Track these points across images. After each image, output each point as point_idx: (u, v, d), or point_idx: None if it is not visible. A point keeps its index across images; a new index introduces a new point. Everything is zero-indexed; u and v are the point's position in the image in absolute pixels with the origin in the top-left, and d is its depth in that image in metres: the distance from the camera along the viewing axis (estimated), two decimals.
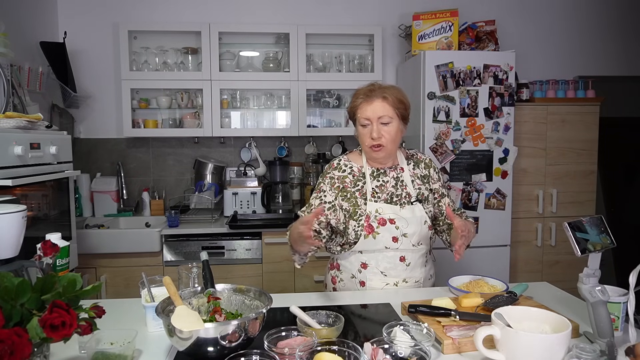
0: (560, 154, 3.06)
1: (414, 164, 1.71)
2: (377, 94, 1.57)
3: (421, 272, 1.65)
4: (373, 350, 1.00)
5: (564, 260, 3.09)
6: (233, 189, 3.08)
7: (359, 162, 1.68)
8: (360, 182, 1.64)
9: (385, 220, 1.57)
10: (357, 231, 1.59)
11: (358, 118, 1.61)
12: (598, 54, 3.57)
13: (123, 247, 2.66)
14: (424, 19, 2.94)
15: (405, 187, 1.64)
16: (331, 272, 1.73)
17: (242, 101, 3.21)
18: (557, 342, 0.96)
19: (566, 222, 1.13)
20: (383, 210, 1.58)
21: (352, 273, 1.64)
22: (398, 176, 1.66)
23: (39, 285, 0.90)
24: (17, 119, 1.87)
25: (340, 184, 1.64)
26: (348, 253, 1.64)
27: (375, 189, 1.63)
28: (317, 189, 1.68)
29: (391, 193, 1.63)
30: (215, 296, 1.19)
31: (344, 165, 1.68)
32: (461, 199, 2.84)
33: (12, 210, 1.14)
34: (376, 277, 1.61)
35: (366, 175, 1.64)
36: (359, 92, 1.62)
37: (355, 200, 1.61)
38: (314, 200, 1.65)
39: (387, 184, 1.64)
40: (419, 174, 1.69)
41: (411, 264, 1.62)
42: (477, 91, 2.80)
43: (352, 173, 1.66)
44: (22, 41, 2.64)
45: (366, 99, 1.58)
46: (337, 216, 1.63)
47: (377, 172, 1.66)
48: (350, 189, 1.63)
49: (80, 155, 3.11)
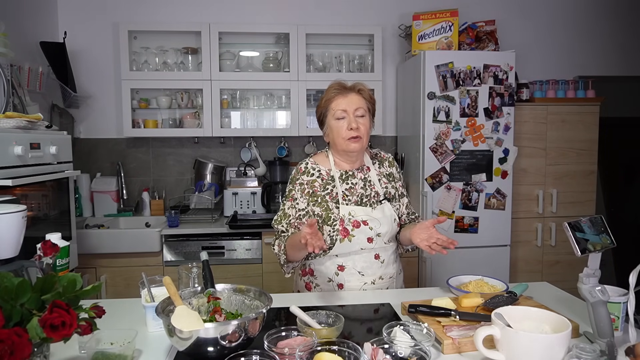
0: (560, 154, 3.06)
1: (379, 162, 1.73)
2: (352, 88, 1.62)
3: (393, 267, 1.68)
4: (373, 350, 1.00)
5: (564, 260, 3.09)
6: (233, 189, 3.09)
7: (327, 165, 1.67)
8: (329, 186, 1.63)
9: (359, 222, 1.58)
10: (332, 236, 1.57)
11: (332, 111, 1.60)
12: (598, 54, 3.58)
13: (123, 247, 2.66)
14: (424, 19, 2.94)
15: (373, 187, 1.65)
16: (304, 278, 1.71)
17: (242, 101, 3.21)
18: (557, 342, 0.96)
19: (566, 222, 1.13)
20: (355, 213, 1.59)
21: (328, 277, 1.63)
22: (365, 176, 1.66)
23: (39, 285, 0.90)
24: (17, 119, 1.87)
25: (310, 189, 1.63)
26: (324, 258, 1.62)
27: (345, 192, 1.62)
28: (289, 197, 1.65)
29: (361, 194, 1.63)
30: (215, 296, 1.19)
31: (312, 169, 1.66)
32: (461, 199, 2.84)
33: (12, 210, 1.14)
34: (354, 277, 1.61)
35: (335, 179, 1.63)
36: (332, 87, 1.64)
37: (326, 204, 1.60)
38: (289, 210, 1.63)
39: (356, 185, 1.64)
40: (385, 173, 1.71)
41: (385, 260, 1.64)
42: (477, 91, 2.80)
43: (321, 176, 1.64)
44: (22, 41, 2.64)
45: (342, 92, 1.61)
46: None
47: (346, 175, 1.65)
48: (320, 193, 1.62)
49: (80, 155, 3.11)
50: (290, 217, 1.63)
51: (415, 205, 2.98)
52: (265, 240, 2.78)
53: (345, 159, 1.65)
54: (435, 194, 2.82)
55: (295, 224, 1.63)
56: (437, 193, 2.82)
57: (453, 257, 2.83)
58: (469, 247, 2.86)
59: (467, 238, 2.85)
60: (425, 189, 2.81)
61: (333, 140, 1.63)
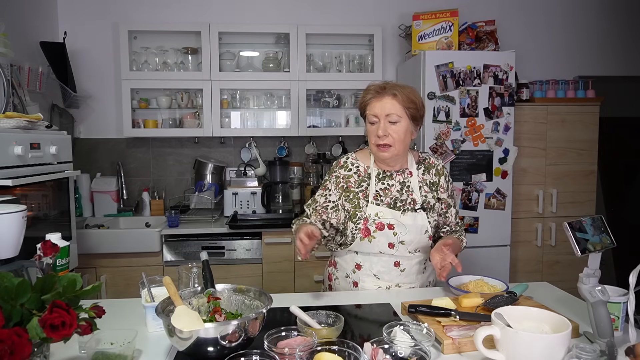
0: (560, 154, 3.06)
1: (424, 169, 1.66)
2: (388, 91, 1.53)
3: (417, 278, 1.63)
4: (373, 350, 1.00)
5: (564, 260, 3.09)
6: (233, 189, 3.08)
7: (367, 162, 1.65)
8: (364, 183, 1.62)
9: (383, 225, 1.55)
10: (354, 233, 1.58)
11: (367, 115, 1.58)
12: (598, 54, 3.57)
13: (123, 247, 2.66)
14: (424, 19, 2.94)
15: (411, 193, 1.60)
16: (329, 269, 1.74)
17: (242, 101, 3.21)
18: (557, 342, 0.96)
19: (566, 222, 1.13)
20: (383, 215, 1.56)
21: (346, 272, 1.64)
22: (405, 180, 1.62)
23: (39, 285, 0.90)
24: (17, 119, 1.87)
25: (344, 184, 1.63)
26: (344, 251, 1.64)
27: (379, 192, 1.59)
28: (323, 186, 1.67)
29: (395, 197, 1.59)
30: (215, 296, 1.19)
31: (351, 164, 1.66)
32: (461, 199, 2.84)
33: (12, 210, 1.14)
34: (369, 279, 1.60)
35: (371, 177, 1.61)
36: (369, 88, 1.58)
37: (357, 201, 1.59)
38: (319, 198, 1.65)
39: (392, 187, 1.60)
40: (428, 181, 1.64)
41: (406, 270, 1.60)
42: (477, 91, 2.80)
43: (358, 173, 1.63)
44: (22, 41, 2.64)
45: (376, 96, 1.54)
46: (338, 216, 1.63)
47: (384, 175, 1.62)
48: (353, 189, 1.61)
49: (80, 155, 3.11)
50: (318, 205, 1.64)
51: None
52: (265, 240, 2.78)
53: (380, 162, 1.62)
54: None
55: (320, 212, 1.63)
56: None
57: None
58: (469, 247, 2.85)
59: (467, 238, 2.82)
60: None
61: (369, 142, 1.61)
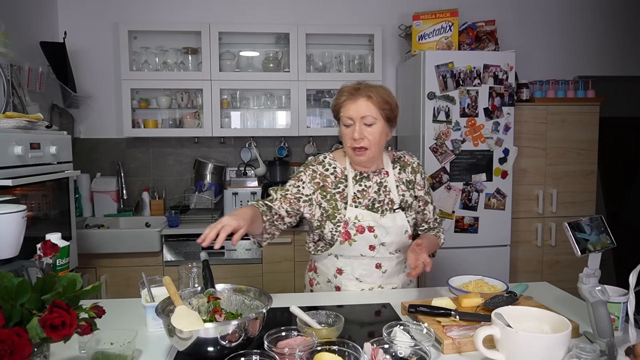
0: (560, 154, 3.06)
1: (400, 167, 1.63)
2: (362, 92, 1.50)
3: (399, 278, 1.62)
4: (373, 350, 1.00)
5: (564, 260, 3.09)
6: (233, 189, 3.08)
7: (343, 163, 1.62)
8: (341, 185, 1.59)
9: (364, 227, 1.53)
10: (334, 234, 1.55)
11: (341, 117, 1.53)
12: (598, 54, 3.57)
13: (123, 247, 2.66)
14: (424, 19, 2.94)
15: (388, 193, 1.58)
16: (309, 274, 1.71)
17: (242, 101, 3.21)
18: (557, 342, 0.96)
19: (566, 222, 1.13)
20: (363, 217, 1.53)
21: (328, 277, 1.62)
22: (382, 181, 1.59)
23: (39, 285, 0.90)
24: (17, 119, 1.87)
25: (320, 181, 1.59)
26: (324, 256, 1.61)
27: (357, 194, 1.57)
28: (296, 177, 1.61)
29: (373, 199, 1.57)
30: (215, 296, 1.19)
31: (328, 164, 1.62)
32: (461, 199, 2.84)
33: (12, 210, 1.14)
34: (351, 282, 1.58)
35: (348, 179, 1.59)
36: (343, 90, 1.54)
37: (335, 203, 1.56)
38: (291, 187, 1.59)
39: (369, 189, 1.58)
40: (405, 179, 1.62)
41: (388, 271, 1.59)
42: (477, 91, 2.80)
43: (335, 174, 1.60)
44: (22, 41, 2.64)
45: (350, 97, 1.51)
46: (312, 211, 1.59)
47: (360, 176, 1.59)
48: (330, 190, 1.58)
49: (80, 155, 3.11)
50: (288, 192, 1.58)
51: None
52: None
53: (356, 163, 1.58)
54: (436, 194, 2.82)
55: (290, 201, 1.57)
56: (437, 193, 2.82)
57: (453, 257, 2.84)
58: (469, 247, 2.86)
59: (467, 238, 2.86)
60: None
61: (344, 145, 1.57)
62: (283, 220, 1.58)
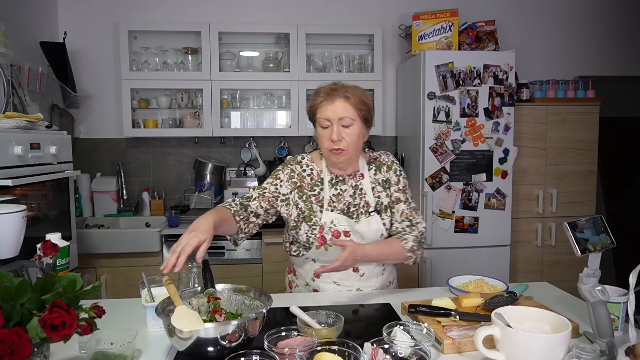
0: (560, 154, 3.06)
1: (375, 168, 1.60)
2: (339, 93, 1.47)
3: (377, 280, 1.60)
4: (373, 350, 1.00)
5: (564, 260, 3.09)
6: (233, 189, 3.08)
7: (320, 166, 1.60)
8: (317, 188, 1.57)
9: (339, 232, 1.51)
10: (310, 237, 1.53)
11: (318, 118, 1.50)
12: (598, 54, 3.57)
13: (123, 247, 2.66)
14: (424, 19, 2.94)
15: (364, 196, 1.55)
16: (289, 276, 1.70)
17: (242, 101, 3.21)
18: (557, 342, 0.96)
19: (566, 222, 1.13)
20: (338, 222, 1.51)
21: (306, 280, 1.61)
22: (357, 184, 1.57)
23: (39, 285, 0.90)
24: (17, 119, 1.87)
25: (298, 181, 1.57)
26: (302, 260, 1.59)
27: (333, 198, 1.55)
28: (274, 175, 1.59)
29: (348, 203, 1.54)
30: (215, 296, 1.19)
31: (306, 165, 1.61)
32: (461, 199, 2.84)
33: (12, 210, 1.14)
34: (329, 286, 1.57)
35: (325, 182, 1.56)
36: (319, 91, 1.51)
37: (311, 205, 1.54)
38: (268, 186, 1.57)
39: (344, 192, 1.56)
40: (381, 179, 1.58)
41: (365, 274, 1.57)
42: (477, 91, 2.80)
43: (312, 176, 1.59)
44: (22, 41, 2.64)
45: (327, 98, 1.47)
46: (289, 211, 1.57)
47: (336, 180, 1.57)
48: (307, 191, 1.56)
49: (80, 155, 3.11)
50: (266, 191, 1.56)
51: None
52: (265, 240, 2.78)
53: (333, 166, 1.56)
54: (435, 194, 2.82)
55: (269, 199, 1.55)
56: (437, 193, 2.82)
57: (453, 257, 2.84)
58: (469, 247, 2.86)
59: (467, 238, 2.86)
60: (425, 189, 2.81)
61: (320, 147, 1.55)
62: (259, 218, 1.56)
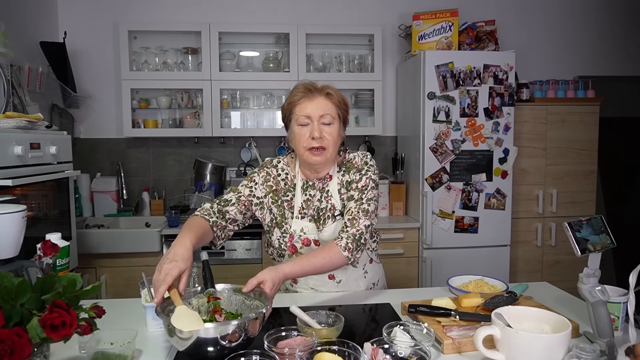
0: (560, 154, 3.06)
1: (345, 170, 1.50)
2: (321, 90, 1.43)
3: (358, 285, 1.55)
4: (373, 350, 1.00)
5: (564, 260, 3.09)
6: None
7: (293, 171, 1.54)
8: (290, 194, 1.52)
9: (310, 240, 1.48)
10: (281, 244, 1.50)
11: (296, 116, 1.41)
12: (598, 54, 3.58)
13: (123, 247, 2.66)
14: (424, 19, 2.94)
15: (330, 199, 1.48)
16: None
17: (242, 101, 3.21)
18: (557, 342, 0.96)
19: (566, 222, 1.13)
20: (308, 230, 1.47)
21: (286, 286, 1.59)
22: (324, 186, 1.50)
23: (39, 285, 0.90)
24: (17, 119, 1.87)
25: (273, 185, 1.53)
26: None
27: (303, 204, 1.50)
28: (249, 177, 1.54)
29: (317, 207, 1.49)
30: (215, 296, 1.19)
31: (281, 169, 1.55)
32: (461, 199, 2.84)
33: (12, 210, 1.14)
34: (307, 292, 1.55)
35: (297, 188, 1.51)
36: (298, 88, 1.44)
37: (283, 211, 1.51)
38: (243, 188, 1.51)
39: (313, 197, 1.50)
40: (346, 181, 1.49)
41: (342, 280, 1.53)
42: (477, 91, 2.80)
43: (286, 180, 1.53)
44: (22, 41, 2.64)
45: (308, 94, 1.41)
46: (263, 215, 1.54)
47: (307, 185, 1.51)
48: (281, 196, 1.52)
49: (80, 155, 3.11)
50: (241, 195, 1.50)
51: (415, 205, 2.98)
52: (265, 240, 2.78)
53: (307, 168, 1.50)
54: (435, 194, 2.82)
55: (245, 203, 1.50)
56: (437, 193, 2.82)
57: (453, 257, 2.84)
58: (469, 247, 2.86)
59: (467, 238, 2.86)
60: (425, 189, 2.81)
61: (295, 148, 1.46)
62: (236, 224, 1.52)
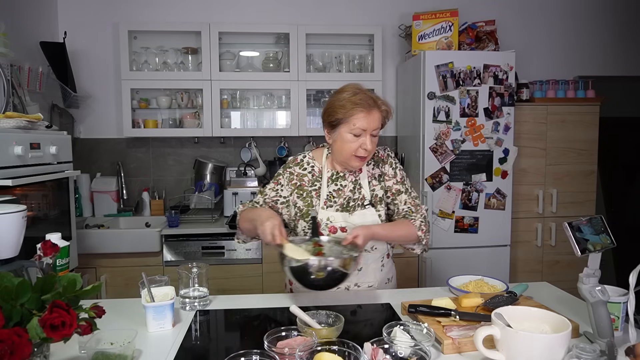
0: (560, 154, 3.06)
1: (374, 163, 1.65)
2: (378, 106, 1.52)
3: (375, 276, 1.62)
4: (373, 350, 1.00)
5: (564, 260, 3.09)
6: (233, 189, 3.08)
7: (321, 163, 1.64)
8: (318, 183, 1.61)
9: (336, 228, 1.55)
10: (306, 232, 1.57)
11: (350, 125, 1.48)
12: (598, 54, 3.58)
13: (123, 247, 2.66)
14: (424, 19, 2.94)
15: (361, 189, 1.60)
16: None
17: (242, 101, 3.21)
18: (557, 342, 0.96)
19: (566, 222, 1.13)
20: (334, 219, 1.56)
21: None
22: (356, 179, 1.61)
23: (39, 285, 0.90)
24: (17, 119, 1.87)
25: (298, 181, 1.62)
26: None
27: (332, 194, 1.59)
28: (275, 180, 1.65)
29: (348, 198, 1.59)
30: (319, 243, 1.44)
31: (306, 164, 1.65)
32: (461, 199, 2.84)
33: (12, 210, 1.14)
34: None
35: (323, 179, 1.61)
36: (356, 101, 1.48)
37: (310, 200, 1.59)
38: (269, 192, 1.64)
39: (345, 188, 1.60)
40: (377, 174, 1.63)
41: (363, 268, 1.58)
42: (477, 91, 2.80)
43: (312, 172, 1.63)
44: (22, 41, 2.64)
45: (368, 109, 1.48)
46: (289, 212, 1.62)
47: (336, 176, 1.61)
48: (307, 188, 1.61)
49: (80, 155, 3.11)
50: (267, 197, 1.63)
51: None
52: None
53: (344, 165, 1.60)
54: (435, 194, 2.82)
55: (270, 205, 1.62)
56: (437, 193, 2.82)
57: (453, 257, 2.84)
58: (469, 247, 2.86)
59: (467, 238, 2.86)
60: (425, 189, 2.81)
61: (338, 149, 1.54)
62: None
